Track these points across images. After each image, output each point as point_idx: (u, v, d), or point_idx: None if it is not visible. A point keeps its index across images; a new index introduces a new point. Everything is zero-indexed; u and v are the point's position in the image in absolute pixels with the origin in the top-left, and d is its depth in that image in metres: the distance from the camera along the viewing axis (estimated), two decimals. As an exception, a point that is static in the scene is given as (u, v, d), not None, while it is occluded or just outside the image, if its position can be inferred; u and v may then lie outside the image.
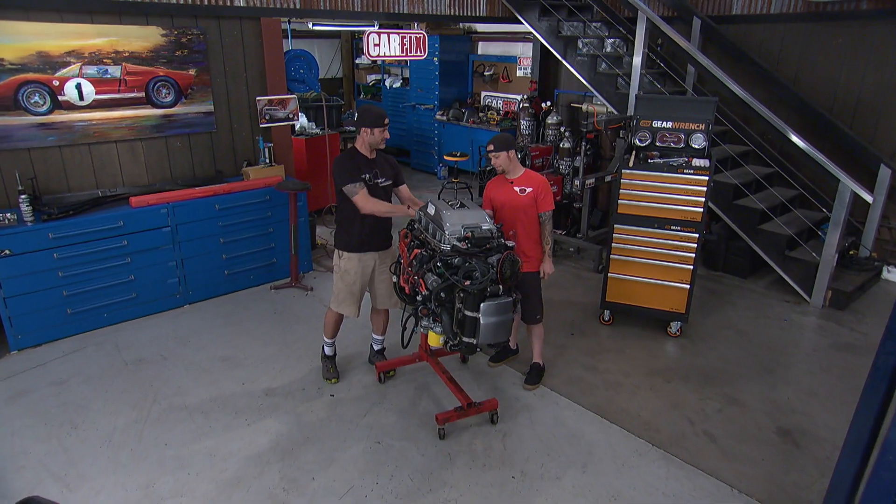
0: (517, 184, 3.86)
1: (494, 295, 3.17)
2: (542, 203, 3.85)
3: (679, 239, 4.61)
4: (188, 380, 4.17)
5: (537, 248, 3.93)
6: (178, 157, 5.42)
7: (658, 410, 3.89)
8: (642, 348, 4.66)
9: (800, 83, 6.26)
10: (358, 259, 3.82)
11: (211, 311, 5.15)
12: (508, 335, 3.32)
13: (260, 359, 4.44)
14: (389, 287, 3.93)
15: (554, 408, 3.90)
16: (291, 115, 5.91)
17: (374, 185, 3.72)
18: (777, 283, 5.83)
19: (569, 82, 8.52)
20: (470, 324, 3.17)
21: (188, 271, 5.16)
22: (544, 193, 3.85)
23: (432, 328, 3.37)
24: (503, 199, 3.86)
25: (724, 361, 4.48)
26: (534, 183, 3.84)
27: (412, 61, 9.95)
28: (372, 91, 11.44)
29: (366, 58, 8.32)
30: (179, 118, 5.29)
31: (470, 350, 3.26)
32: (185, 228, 5.06)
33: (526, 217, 3.84)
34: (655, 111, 4.78)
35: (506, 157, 3.80)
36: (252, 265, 5.54)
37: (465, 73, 10.04)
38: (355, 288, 3.86)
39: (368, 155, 3.73)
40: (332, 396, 4.00)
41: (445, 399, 3.95)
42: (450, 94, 9.89)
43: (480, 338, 3.18)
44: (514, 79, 9.48)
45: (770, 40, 6.43)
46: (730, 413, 3.88)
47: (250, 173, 5.51)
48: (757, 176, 5.89)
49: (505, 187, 3.88)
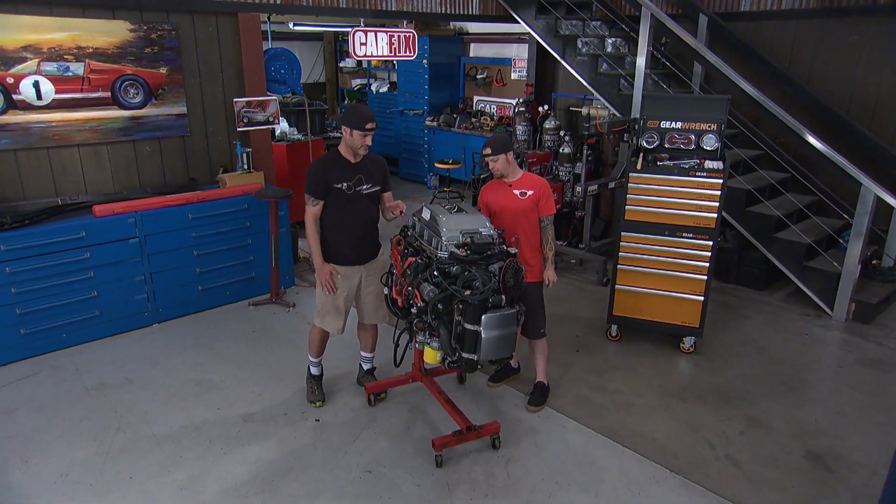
0: (517, 186, 3.79)
1: (497, 306, 3.09)
2: (543, 207, 3.79)
3: (691, 247, 4.55)
4: (157, 406, 4.04)
5: (538, 256, 3.86)
6: (147, 163, 5.32)
7: (674, 433, 3.81)
8: (654, 366, 4.60)
9: (813, 83, 6.27)
10: (343, 271, 3.74)
11: (183, 331, 5.04)
12: (512, 350, 3.23)
13: (237, 381, 4.32)
14: (377, 300, 3.85)
15: (561, 431, 3.81)
16: (271, 118, 5.84)
17: (356, 193, 3.62)
18: (795, 295, 5.80)
19: (567, 85, 8.52)
20: (470, 338, 3.08)
21: (158, 287, 5.05)
22: (546, 196, 3.78)
23: (429, 343, 3.28)
24: (501, 203, 3.78)
25: (744, 379, 4.42)
26: (534, 185, 3.78)
27: (400, 65, 9.97)
28: (357, 96, 11.43)
29: (351, 58, 8.27)
30: (149, 120, 5.21)
31: (470, 367, 3.16)
32: (155, 240, 4.96)
33: (527, 222, 3.77)
34: (664, 111, 4.73)
35: (504, 159, 3.73)
36: (228, 280, 5.45)
37: (456, 76, 10.04)
38: (340, 302, 3.77)
39: (352, 159, 3.62)
40: (318, 421, 3.89)
41: (442, 422, 3.85)
42: (440, 98, 9.89)
43: (482, 353, 3.09)
44: (508, 82, 9.49)
45: (781, 38, 6.46)
46: (753, 435, 3.80)
47: (227, 180, 5.45)
48: (771, 181, 5.86)
49: (503, 191, 3.80)
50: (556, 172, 7.09)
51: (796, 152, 6.21)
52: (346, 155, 3.61)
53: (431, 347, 3.27)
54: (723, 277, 6.10)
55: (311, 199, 3.58)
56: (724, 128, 4.59)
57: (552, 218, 3.81)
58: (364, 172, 3.65)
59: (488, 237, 3.25)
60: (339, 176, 3.58)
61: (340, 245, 3.69)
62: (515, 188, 3.78)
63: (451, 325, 3.16)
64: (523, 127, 8.13)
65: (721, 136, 4.58)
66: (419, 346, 3.39)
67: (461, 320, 3.08)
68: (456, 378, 4.34)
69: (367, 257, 3.80)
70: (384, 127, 10.66)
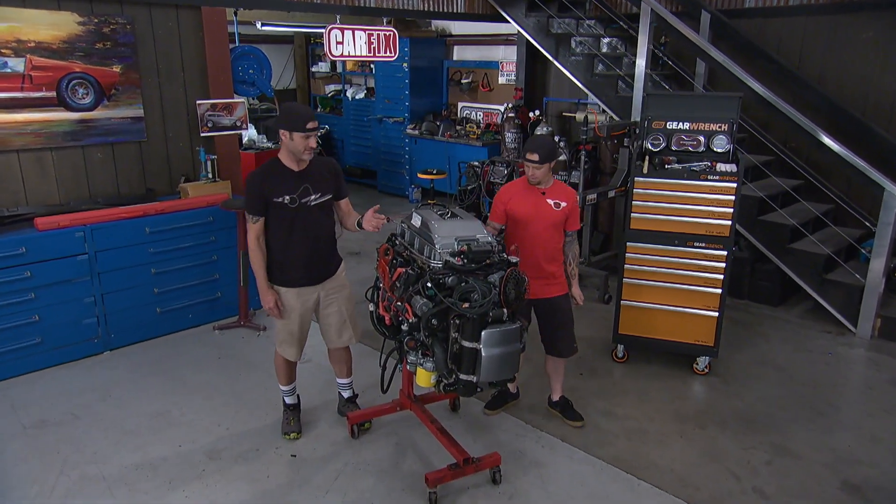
0: (551, 196, 3.71)
1: (497, 321, 2.99)
2: (572, 221, 3.78)
3: (704, 257, 4.50)
4: (108, 444, 3.88)
5: (563, 268, 3.87)
6: (98, 172, 5.20)
7: (694, 463, 3.73)
8: (666, 389, 4.54)
9: (825, 82, 6.33)
10: (296, 294, 3.60)
11: (139, 358, 4.92)
12: (515, 370, 3.14)
13: (201, 414, 4.19)
14: (340, 322, 3.76)
15: (568, 462, 3.73)
16: (239, 122, 5.76)
17: (303, 206, 3.46)
18: (814, 311, 5.79)
19: (559, 89, 8.54)
20: (468, 357, 2.97)
21: (110, 309, 4.93)
22: (576, 210, 3.77)
23: (421, 364, 3.16)
24: (530, 212, 3.71)
25: (766, 403, 4.38)
26: (567, 196, 3.75)
27: (378, 69, 9.97)
28: (331, 104, 11.40)
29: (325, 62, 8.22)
30: (101, 124, 5.08)
31: (469, 390, 3.05)
32: (107, 256, 4.84)
33: (557, 235, 3.76)
34: (670, 111, 4.71)
35: (548, 168, 3.67)
36: (191, 301, 5.35)
37: (438, 81, 10.07)
38: (294, 327, 3.66)
39: (295, 167, 3.45)
40: (294, 457, 3.75)
41: (435, 455, 3.74)
42: (422, 105, 9.90)
43: (482, 374, 2.97)
44: (495, 87, 9.52)
45: (790, 36, 6.52)
46: (782, 465, 3.73)
47: (189, 190, 5.36)
48: (786, 187, 5.86)
49: (534, 198, 3.72)
50: (551, 182, 7.06)
51: (808, 157, 6.22)
52: (288, 163, 3.44)
53: (425, 369, 3.15)
54: (734, 292, 6.06)
55: (250, 216, 3.46)
56: (737, 128, 4.56)
57: (576, 234, 3.82)
58: (311, 181, 3.48)
59: (486, 244, 3.17)
60: (280, 188, 3.41)
61: (289, 265, 3.54)
62: (550, 197, 3.71)
63: (446, 343, 3.05)
64: (513, 134, 8.13)
65: (733, 137, 4.56)
66: (410, 368, 3.27)
67: (458, 337, 2.97)
68: (448, 405, 4.24)
69: (322, 276, 3.65)
70: (361, 136, 10.63)
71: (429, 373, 3.15)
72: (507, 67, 9.22)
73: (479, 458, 3.48)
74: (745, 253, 6.02)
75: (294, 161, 3.43)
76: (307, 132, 3.33)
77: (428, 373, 3.15)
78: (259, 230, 3.48)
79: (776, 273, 5.86)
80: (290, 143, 3.36)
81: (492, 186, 7.14)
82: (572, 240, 3.80)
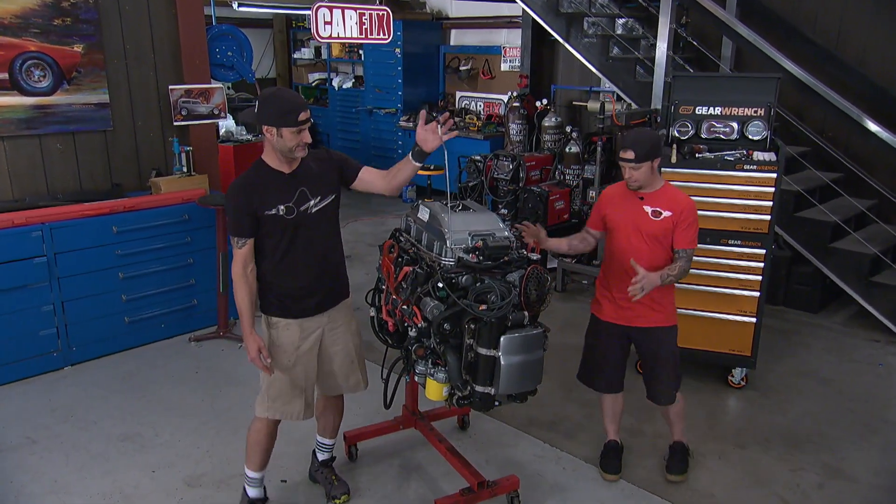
0: (650, 202, 3.42)
1: (518, 325, 2.92)
2: (680, 236, 3.39)
3: (740, 257, 4.48)
4: (70, 470, 3.80)
5: (667, 292, 3.50)
6: (58, 164, 5.15)
7: (736, 487, 3.71)
8: (698, 404, 4.52)
9: (867, 64, 6.31)
10: (299, 327, 3.17)
11: (105, 374, 4.87)
12: (538, 382, 3.06)
13: (178, 436, 4.14)
14: (348, 362, 3.35)
15: (592, 486, 3.71)
16: (217, 110, 5.73)
17: (303, 215, 3.05)
18: (858, 316, 5.80)
19: (569, 76, 8.52)
20: (485, 366, 2.90)
21: (72, 319, 4.89)
22: (687, 224, 3.38)
23: (432, 375, 3.08)
24: (622, 219, 3.47)
25: (813, 419, 4.36)
26: (675, 205, 3.39)
27: (367, 55, 9.99)
28: (315, 94, 11.44)
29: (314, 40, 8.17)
30: (60, 111, 5.03)
31: (486, 404, 2.97)
32: (69, 259, 4.79)
33: (661, 250, 3.42)
34: (698, 94, 4.71)
35: (648, 168, 3.33)
36: (164, 309, 5.34)
37: (434, 68, 10.08)
38: (298, 373, 3.20)
39: (286, 168, 3.04)
40: (285, 482, 3.68)
41: (444, 479, 3.70)
42: (416, 94, 9.92)
43: (501, 385, 2.90)
44: (497, 74, 9.53)
45: (827, 13, 6.51)
46: (835, 489, 3.70)
47: (161, 185, 5.32)
48: (826, 179, 5.82)
49: (629, 203, 3.46)
50: (561, 177, 7.00)
51: (848, 147, 6.20)
52: (277, 164, 3.03)
53: (436, 380, 3.07)
54: (768, 298, 5.94)
55: (236, 239, 3.03)
56: (775, 113, 4.52)
57: (692, 252, 3.41)
58: (308, 183, 3.07)
59: (504, 239, 3.10)
60: (271, 197, 3.00)
61: (290, 291, 3.13)
62: (649, 204, 3.41)
63: (460, 351, 2.98)
64: (518, 126, 8.12)
65: (770, 123, 4.53)
66: (419, 380, 3.18)
67: (473, 344, 2.90)
68: (457, 423, 4.20)
69: (331, 302, 3.25)
70: (349, 130, 10.64)
71: (440, 384, 3.07)
72: (511, 53, 9.23)
73: (495, 481, 3.43)
74: (786, 251, 5.99)
75: (284, 161, 3.03)
76: (299, 125, 2.91)
77: (439, 385, 3.07)
78: (247, 256, 3.04)
79: (815, 275, 5.83)
80: (277, 140, 2.93)
81: (495, 183, 7.06)
82: (682, 259, 3.37)
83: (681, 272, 3.36)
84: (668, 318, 3.54)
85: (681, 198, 3.43)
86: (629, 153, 3.31)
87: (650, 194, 3.43)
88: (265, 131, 2.94)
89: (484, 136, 8.80)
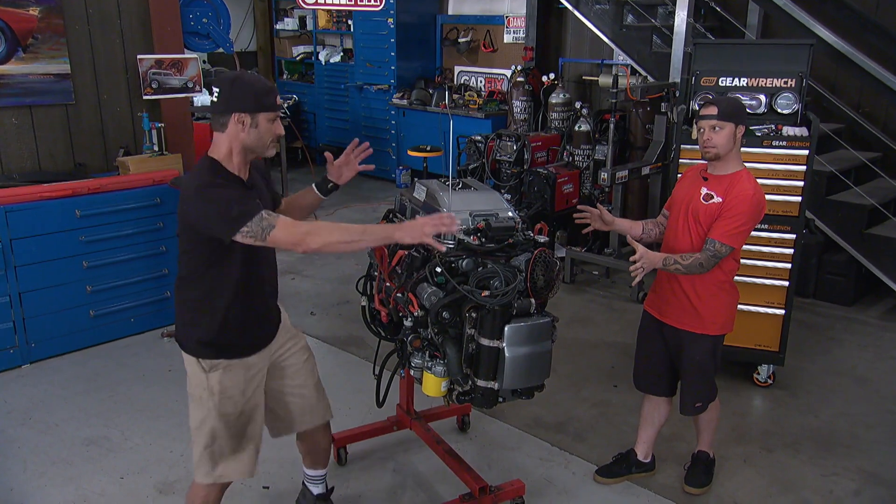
0: (712, 184, 3.29)
1: (524, 313, 2.92)
2: (718, 224, 3.21)
3: (767, 243, 4.49)
4: (29, 477, 3.80)
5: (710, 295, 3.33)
6: (13, 141, 5.16)
7: (762, 493, 3.73)
8: (721, 403, 4.38)
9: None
10: (243, 367, 2.84)
11: (68, 373, 4.87)
12: (546, 376, 3.04)
13: (148, 440, 4.14)
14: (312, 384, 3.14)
15: (605, 493, 3.72)
16: (191, 83, 5.72)
17: None
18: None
19: (578, 47, 8.51)
20: (488, 358, 2.89)
21: (30, 312, 4.89)
22: (732, 214, 3.19)
23: (430, 369, 3.07)
24: (681, 198, 3.43)
25: (847, 421, 4.38)
26: (730, 191, 3.23)
27: (357, 26, 10.02)
28: (300, 69, 11.43)
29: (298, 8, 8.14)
30: (15, 82, 5.03)
31: (488, 400, 2.97)
32: (26, 245, 4.78)
33: (695, 232, 3.31)
34: (722, 64, 4.72)
35: (731, 134, 3.21)
36: (134, 302, 5.34)
37: (430, 40, 10.08)
38: (244, 422, 2.87)
39: (244, 175, 2.72)
40: (267, 489, 3.69)
41: (442, 484, 3.72)
42: (411, 69, 9.93)
43: (505, 380, 2.90)
44: (500, 47, 9.51)
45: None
46: (873, 496, 3.72)
47: (130, 165, 5.33)
48: (863, 159, 5.83)
49: (693, 182, 3.39)
50: (570, 158, 7.00)
51: (887, 124, 6.20)
52: (237, 169, 2.69)
53: (433, 374, 3.06)
54: (798, 289, 5.93)
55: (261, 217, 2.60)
56: (807, 84, 4.51)
57: (724, 250, 3.18)
58: (260, 194, 2.81)
59: (509, 220, 3.09)
60: None
61: (241, 322, 2.82)
62: (708, 186, 3.29)
63: (460, 342, 2.98)
64: (522, 102, 8.15)
65: (802, 95, 4.53)
66: (415, 374, 3.18)
67: (475, 334, 2.90)
68: (456, 424, 4.22)
69: (275, 327, 3.01)
70: (337, 108, 10.65)
71: (439, 379, 3.06)
72: (515, 23, 9.22)
73: (499, 486, 3.45)
74: (818, 236, 5.99)
75: (243, 165, 2.70)
76: (278, 110, 2.70)
77: (438, 379, 3.06)
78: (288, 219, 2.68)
79: (850, 265, 5.85)
80: (249, 133, 2.62)
81: (497, 165, 7.06)
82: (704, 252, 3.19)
83: (693, 266, 3.19)
84: (705, 324, 3.35)
85: (744, 186, 3.21)
86: (711, 108, 3.21)
87: (718, 177, 3.29)
88: (235, 122, 2.59)
89: (485, 114, 8.80)
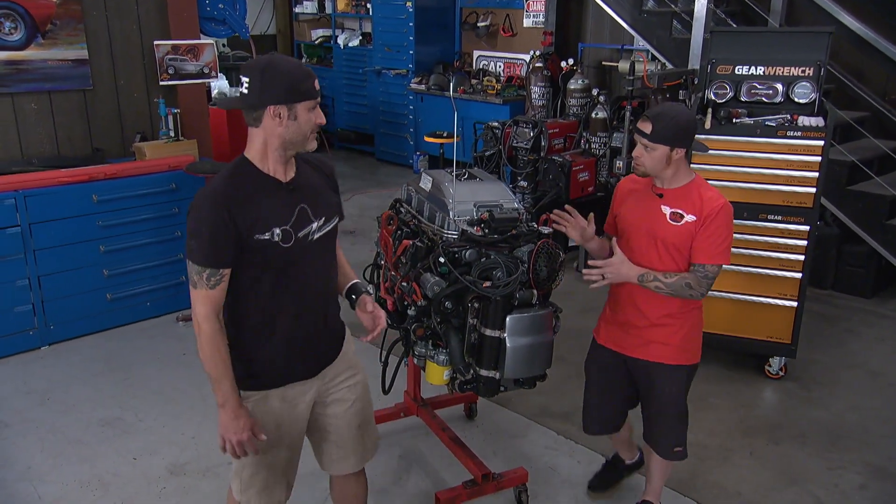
0: (670, 201, 2.95)
1: (526, 304, 2.97)
2: (700, 245, 2.88)
3: (781, 234, 4.50)
4: (45, 457, 3.88)
5: (679, 324, 3.02)
6: (32, 126, 5.22)
7: (767, 485, 3.74)
8: (730, 395, 4.58)
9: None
10: (280, 398, 2.54)
11: (85, 354, 4.94)
12: (547, 366, 3.10)
13: (161, 421, 4.22)
14: (356, 423, 2.73)
15: None
16: (207, 68, 5.78)
17: (302, 242, 2.40)
18: None
19: (598, 33, 8.48)
20: (490, 348, 2.95)
21: (49, 295, 4.95)
22: (712, 229, 2.87)
23: (432, 358, 3.14)
24: (635, 221, 3.03)
25: (858, 414, 4.38)
26: (699, 207, 2.90)
27: (376, 10, 10.02)
28: (319, 53, 11.42)
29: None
30: (34, 67, 5.09)
31: (490, 389, 3.03)
32: (45, 230, 4.84)
33: (675, 263, 2.95)
34: (739, 52, 4.71)
35: (663, 156, 2.86)
36: (149, 286, 5.39)
37: (450, 24, 10.04)
38: (278, 455, 2.59)
39: (282, 174, 2.40)
40: None
41: (446, 470, 3.76)
42: (430, 54, 9.88)
43: (507, 369, 2.95)
44: (519, 31, 9.46)
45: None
46: (879, 490, 3.73)
47: (146, 151, 5.38)
48: (886, 149, 5.77)
49: (646, 202, 3.02)
50: (587, 145, 7.00)
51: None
52: (272, 167, 2.38)
53: (436, 363, 3.13)
54: (815, 281, 6.00)
55: (204, 272, 2.27)
56: (825, 72, 4.50)
57: (716, 269, 2.91)
58: (309, 198, 2.45)
59: (512, 211, 3.13)
60: (265, 216, 2.33)
61: (273, 353, 2.48)
62: (667, 203, 2.95)
63: (463, 332, 3.04)
64: (541, 88, 8.12)
65: (820, 84, 4.52)
66: (418, 363, 3.25)
67: (477, 324, 2.96)
68: (463, 412, 4.26)
69: (324, 361, 2.63)
70: (355, 93, 10.65)
71: (441, 368, 3.13)
72: (534, 7, 9.17)
73: (502, 473, 3.49)
74: (833, 228, 5.96)
75: (281, 162, 2.38)
76: (316, 96, 2.33)
77: (440, 368, 3.13)
78: (218, 300, 2.32)
79: (869, 256, 5.82)
80: (288, 126, 2.29)
81: (514, 152, 7.08)
82: (693, 275, 2.89)
83: (678, 286, 2.87)
84: (674, 354, 3.04)
85: (710, 196, 2.92)
86: (646, 124, 2.85)
87: (672, 191, 2.96)
88: (270, 116, 2.27)
89: (503, 100, 8.76)
